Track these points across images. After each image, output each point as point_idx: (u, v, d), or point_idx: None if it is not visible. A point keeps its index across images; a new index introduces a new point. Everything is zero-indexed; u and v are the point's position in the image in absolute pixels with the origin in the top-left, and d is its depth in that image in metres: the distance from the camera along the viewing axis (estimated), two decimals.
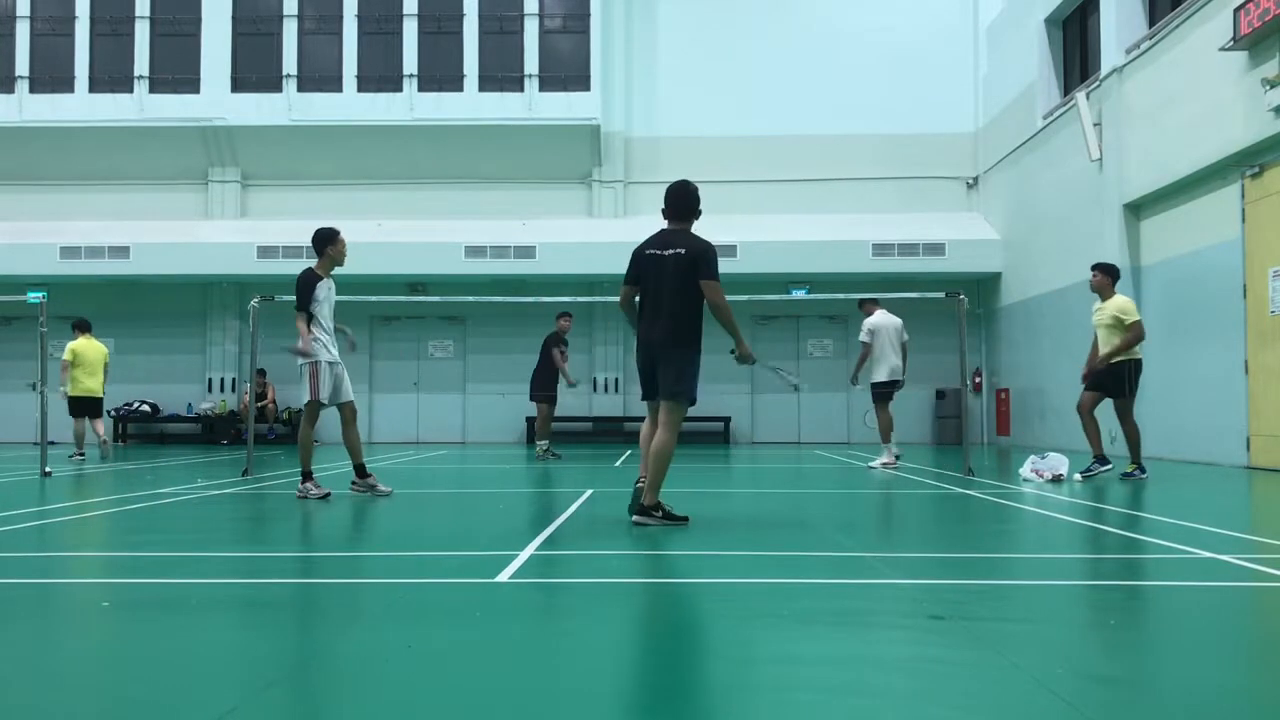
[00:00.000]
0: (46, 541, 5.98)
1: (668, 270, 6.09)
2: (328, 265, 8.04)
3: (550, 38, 20.36)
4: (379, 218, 19.69)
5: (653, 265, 6.16)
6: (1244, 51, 11.67)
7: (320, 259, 8.03)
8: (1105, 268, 10.21)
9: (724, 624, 3.64)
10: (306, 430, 8.01)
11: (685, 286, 6.05)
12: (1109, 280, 10.11)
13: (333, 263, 8.07)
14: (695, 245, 6.12)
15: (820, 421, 20.78)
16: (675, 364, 6.08)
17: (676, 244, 6.14)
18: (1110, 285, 10.11)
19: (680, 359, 6.09)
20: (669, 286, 6.08)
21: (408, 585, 4.37)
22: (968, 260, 19.40)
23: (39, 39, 20.41)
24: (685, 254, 6.07)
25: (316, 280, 7.92)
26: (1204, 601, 3.99)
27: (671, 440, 6.09)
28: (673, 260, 6.09)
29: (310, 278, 7.92)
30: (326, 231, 8.08)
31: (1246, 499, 8.85)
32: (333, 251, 8.03)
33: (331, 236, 8.05)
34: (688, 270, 6.04)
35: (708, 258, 6.07)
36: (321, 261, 8.02)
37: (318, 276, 7.95)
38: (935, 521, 7.13)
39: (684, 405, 6.15)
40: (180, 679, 2.85)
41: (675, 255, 6.09)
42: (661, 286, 6.11)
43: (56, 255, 19.39)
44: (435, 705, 2.59)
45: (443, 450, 17.34)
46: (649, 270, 6.18)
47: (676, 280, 6.06)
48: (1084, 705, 2.52)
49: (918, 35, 20.46)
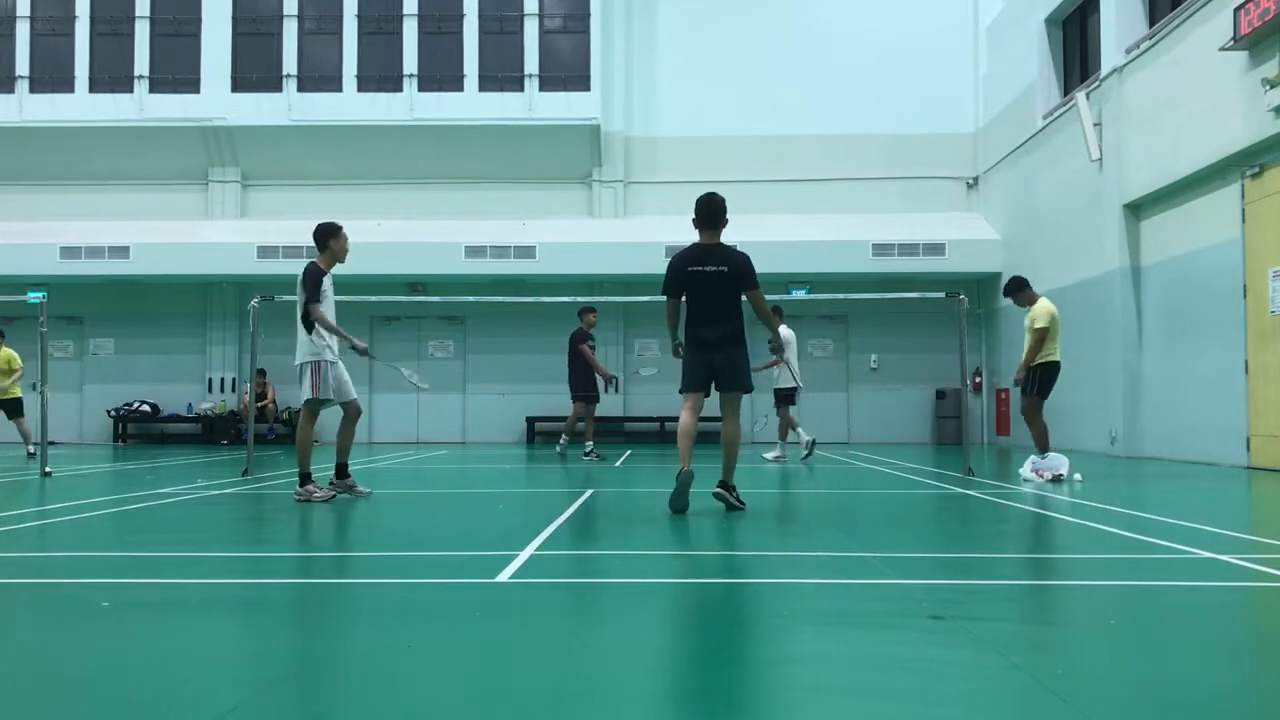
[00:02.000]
0: (46, 541, 5.98)
1: (714, 285, 6.84)
2: (329, 260, 7.91)
3: (550, 38, 20.37)
4: (379, 218, 19.68)
5: (699, 281, 6.86)
6: (1244, 51, 11.66)
7: (322, 253, 7.90)
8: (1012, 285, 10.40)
9: (724, 624, 3.64)
10: (306, 430, 7.84)
11: (733, 297, 6.89)
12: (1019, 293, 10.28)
13: (334, 258, 7.93)
14: (735, 260, 6.88)
15: (820, 421, 20.75)
16: (736, 362, 6.89)
17: (716, 261, 6.85)
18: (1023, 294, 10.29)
19: (741, 357, 6.92)
20: (718, 298, 6.85)
21: (408, 585, 4.37)
22: (968, 260, 19.41)
23: (39, 39, 20.41)
24: (728, 271, 6.83)
25: (322, 274, 7.81)
26: (1204, 601, 3.98)
27: (740, 425, 6.99)
28: (716, 277, 6.83)
29: (316, 270, 7.76)
30: (329, 226, 7.95)
31: (1246, 499, 8.85)
32: (335, 246, 7.91)
33: (334, 231, 7.93)
34: (733, 284, 6.86)
35: (749, 268, 6.90)
36: (323, 256, 7.89)
37: (322, 270, 7.83)
38: (935, 522, 7.13)
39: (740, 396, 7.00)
40: (180, 679, 2.85)
41: (719, 273, 6.83)
42: (710, 299, 6.85)
43: (56, 255, 19.39)
44: (435, 705, 2.59)
45: (443, 450, 17.34)
46: (694, 286, 6.87)
47: (724, 293, 6.86)
48: (1084, 705, 2.52)
49: (918, 35, 20.45)
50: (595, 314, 13.90)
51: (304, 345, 7.79)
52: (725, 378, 6.88)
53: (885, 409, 20.59)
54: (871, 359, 20.79)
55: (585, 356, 13.59)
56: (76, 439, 20.71)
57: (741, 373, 6.91)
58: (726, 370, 6.86)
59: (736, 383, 6.90)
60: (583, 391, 13.67)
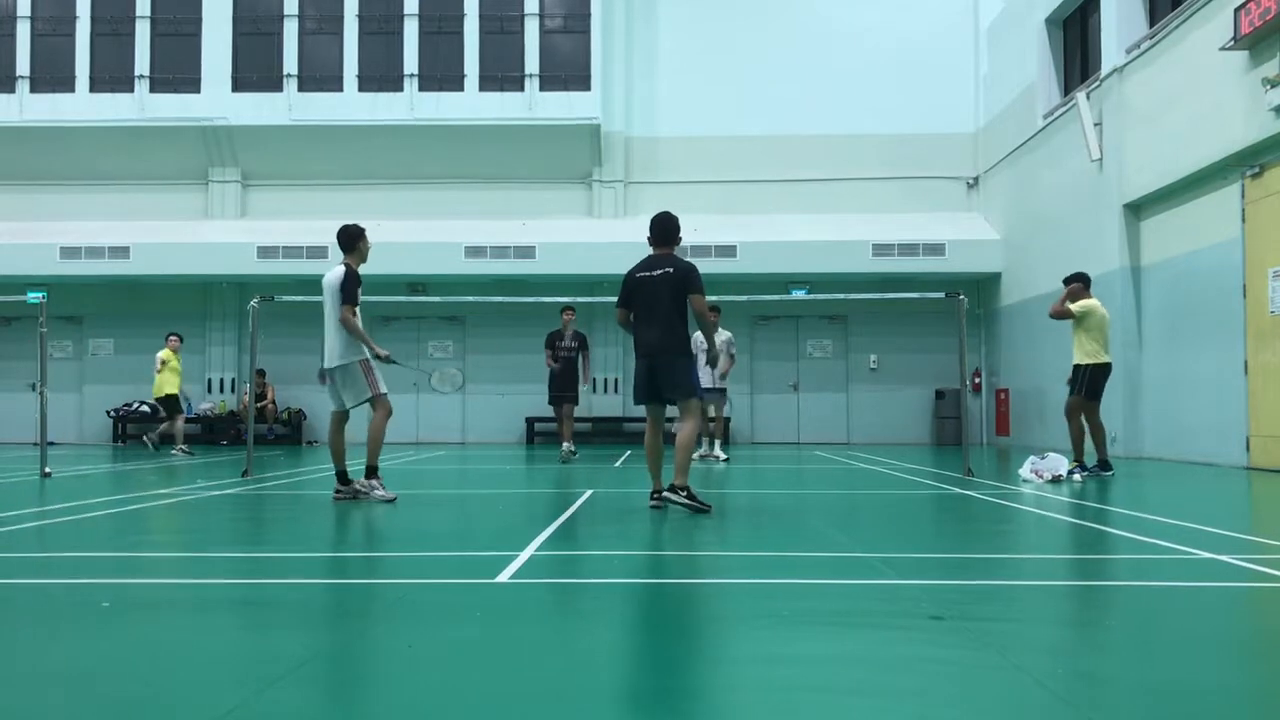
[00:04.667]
0: (46, 542, 5.98)
1: (659, 288, 6.91)
2: (358, 261, 8.08)
3: (550, 37, 20.36)
4: (379, 218, 19.63)
5: (645, 285, 6.99)
6: (1244, 51, 11.67)
7: (351, 254, 8.04)
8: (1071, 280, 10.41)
9: (724, 624, 3.64)
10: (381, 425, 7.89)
11: (676, 302, 6.92)
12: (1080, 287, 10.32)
13: (361, 258, 8.11)
14: (681, 265, 6.98)
15: (820, 422, 20.79)
16: (676, 369, 6.90)
17: (664, 265, 6.98)
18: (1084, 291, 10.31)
19: (679, 364, 6.92)
20: (661, 301, 6.90)
21: (408, 585, 4.37)
22: (968, 260, 19.40)
23: (39, 39, 20.41)
24: (674, 273, 6.92)
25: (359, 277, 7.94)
26: (1204, 601, 3.99)
27: (693, 429, 6.90)
28: (662, 279, 6.92)
29: (355, 274, 7.90)
30: (356, 228, 8.13)
31: (1246, 499, 8.85)
32: (363, 246, 8.09)
33: (361, 232, 8.12)
34: (677, 286, 6.90)
35: (694, 274, 6.95)
36: (352, 257, 8.04)
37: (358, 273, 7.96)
38: (935, 522, 7.13)
39: (695, 400, 6.98)
40: (180, 679, 2.85)
41: (665, 274, 6.93)
42: (655, 302, 6.92)
43: (56, 255, 19.39)
44: (435, 705, 2.59)
45: (442, 450, 17.34)
46: (642, 290, 7.00)
47: (667, 295, 6.90)
48: (1084, 705, 2.53)
49: (918, 35, 20.45)
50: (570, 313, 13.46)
51: (351, 346, 7.82)
52: (666, 387, 6.92)
53: (885, 409, 20.58)
54: (871, 359, 20.79)
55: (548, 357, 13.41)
56: (76, 439, 20.71)
57: (683, 380, 6.90)
58: (666, 379, 6.89)
59: (678, 391, 6.91)
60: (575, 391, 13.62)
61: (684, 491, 6.77)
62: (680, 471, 6.84)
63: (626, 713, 2.58)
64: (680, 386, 6.89)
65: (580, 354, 13.46)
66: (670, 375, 6.88)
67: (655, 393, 6.98)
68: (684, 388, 6.90)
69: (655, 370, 6.91)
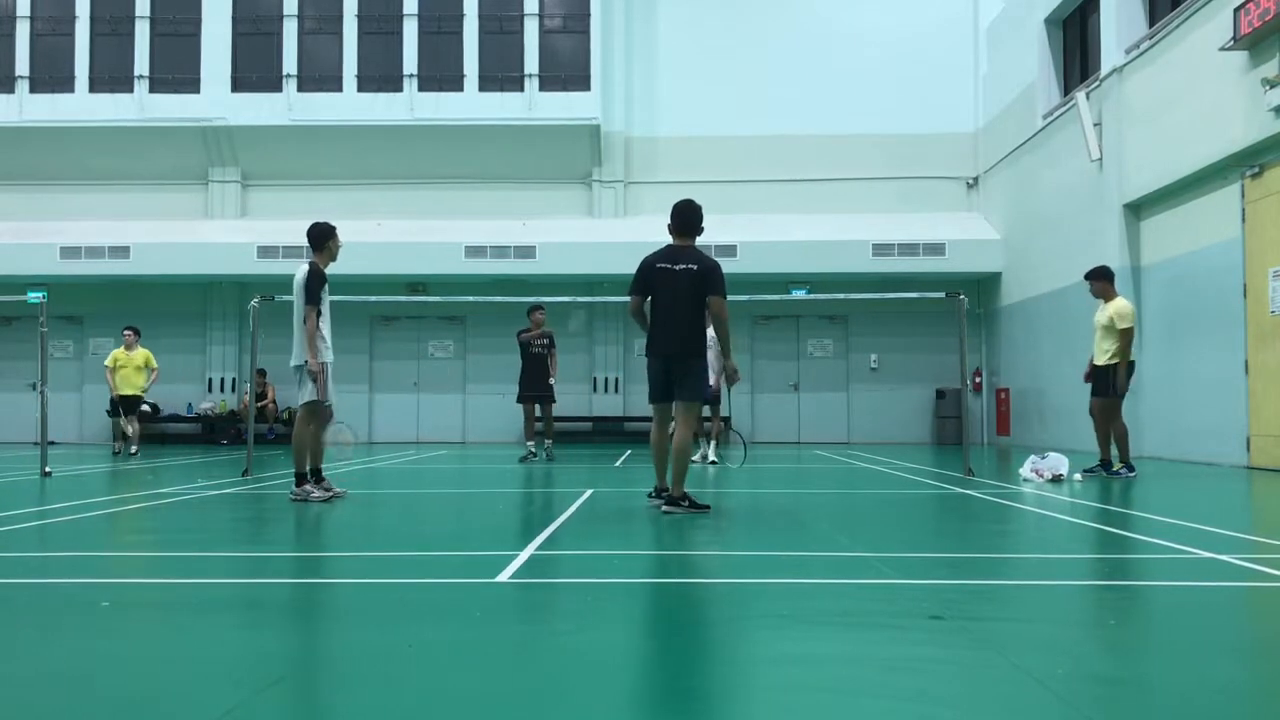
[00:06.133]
0: (46, 541, 5.98)
1: (681, 284, 6.67)
2: (327, 260, 7.96)
3: (550, 38, 20.36)
4: (379, 218, 19.70)
5: (665, 278, 6.73)
6: (1244, 51, 11.66)
7: (320, 253, 7.92)
8: (1098, 273, 10.29)
9: (724, 624, 3.64)
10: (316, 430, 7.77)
11: (697, 300, 6.67)
12: (1106, 283, 10.20)
13: (330, 257, 7.99)
14: (706, 263, 6.72)
15: (820, 421, 20.79)
16: (691, 371, 6.75)
17: (687, 260, 6.72)
18: (1109, 287, 10.19)
19: (694, 367, 6.76)
20: (683, 299, 6.67)
21: (408, 585, 4.37)
22: (968, 260, 19.41)
23: (39, 39, 20.41)
24: (697, 270, 6.67)
25: (324, 276, 7.84)
26: (1204, 601, 3.98)
27: (690, 435, 6.74)
28: (685, 275, 6.67)
29: (319, 271, 7.80)
30: (326, 226, 7.99)
31: (1247, 499, 8.85)
32: (333, 245, 7.97)
33: (331, 231, 7.98)
34: (699, 285, 6.65)
35: (718, 274, 6.70)
36: (321, 256, 7.92)
37: (323, 272, 7.86)
38: (935, 521, 7.13)
39: (696, 405, 6.87)
40: (180, 679, 2.85)
41: (687, 270, 6.67)
42: (675, 299, 6.69)
43: (56, 255, 19.39)
44: (435, 705, 2.59)
45: (442, 450, 17.34)
46: (661, 283, 6.74)
47: (689, 294, 6.66)
48: (1084, 705, 2.52)
49: (918, 35, 20.46)
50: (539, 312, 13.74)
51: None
52: (679, 388, 6.79)
53: (885, 409, 20.59)
54: (871, 359, 20.79)
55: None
56: (76, 439, 20.71)
57: (696, 383, 6.80)
58: (681, 380, 6.77)
59: (689, 393, 6.79)
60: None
61: (685, 502, 6.72)
62: (679, 480, 6.75)
63: (627, 713, 2.58)
64: (689, 389, 6.78)
65: (549, 351, 13.76)
66: (684, 376, 6.76)
67: (668, 392, 6.87)
68: (692, 390, 6.79)
69: (671, 370, 6.78)
